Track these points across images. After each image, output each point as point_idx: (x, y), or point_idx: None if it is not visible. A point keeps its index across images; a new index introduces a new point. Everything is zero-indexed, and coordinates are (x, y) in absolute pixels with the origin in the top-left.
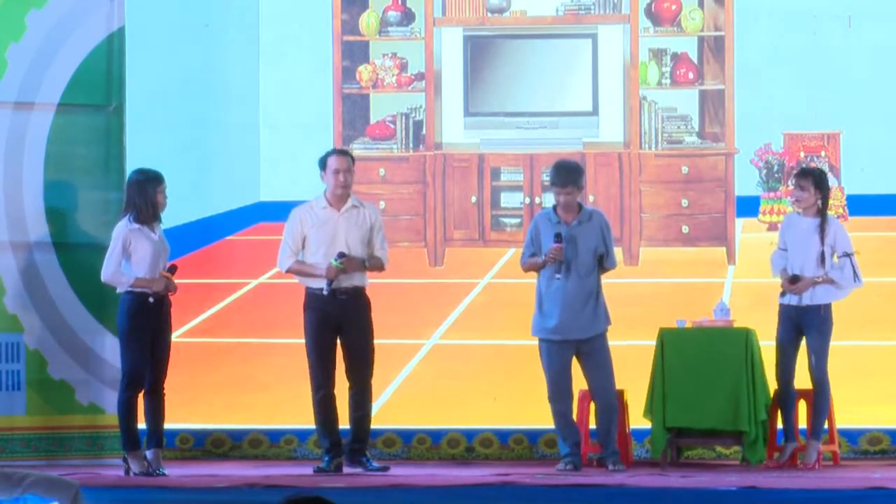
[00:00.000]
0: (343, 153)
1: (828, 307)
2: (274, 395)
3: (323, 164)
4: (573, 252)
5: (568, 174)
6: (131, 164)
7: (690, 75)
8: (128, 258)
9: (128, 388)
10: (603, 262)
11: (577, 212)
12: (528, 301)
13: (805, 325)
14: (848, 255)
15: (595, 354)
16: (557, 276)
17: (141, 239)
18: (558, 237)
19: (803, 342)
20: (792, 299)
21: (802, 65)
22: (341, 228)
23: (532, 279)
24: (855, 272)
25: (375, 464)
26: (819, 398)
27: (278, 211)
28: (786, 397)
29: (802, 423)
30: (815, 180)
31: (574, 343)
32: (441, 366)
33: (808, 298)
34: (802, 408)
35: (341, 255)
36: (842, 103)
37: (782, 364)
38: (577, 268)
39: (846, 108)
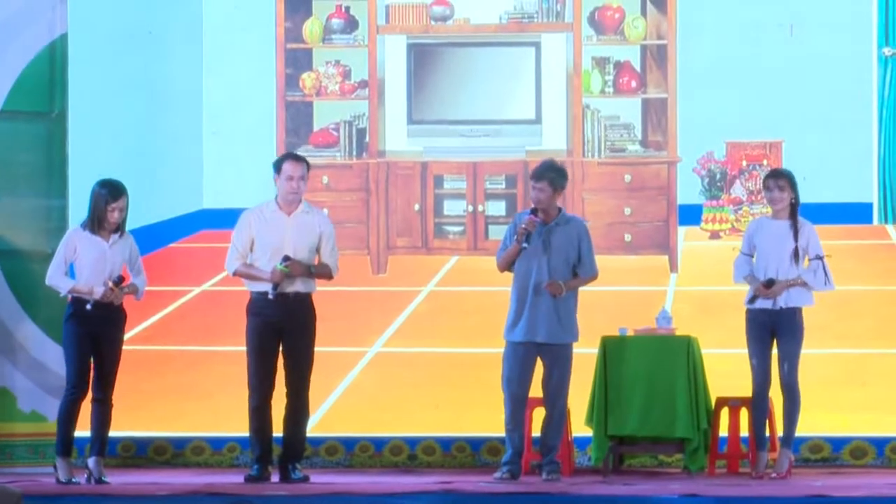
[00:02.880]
0: (299, 159)
1: (801, 311)
2: (217, 402)
3: (277, 167)
4: (546, 253)
5: (544, 169)
6: (74, 171)
7: (633, 84)
8: (74, 264)
9: (67, 390)
10: (576, 270)
11: (555, 214)
12: (471, 309)
13: (779, 329)
14: (820, 257)
15: (556, 364)
16: (525, 244)
17: (86, 246)
18: (535, 211)
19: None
20: (765, 303)
21: (745, 74)
22: (289, 233)
23: (476, 286)
24: (826, 275)
25: (299, 473)
26: (792, 405)
27: (221, 218)
28: (762, 405)
29: (744, 431)
30: (790, 180)
31: (537, 347)
32: (384, 373)
33: (784, 301)
34: (744, 417)
35: (286, 259)
36: (784, 112)
37: (759, 370)
38: (551, 271)
39: (788, 116)
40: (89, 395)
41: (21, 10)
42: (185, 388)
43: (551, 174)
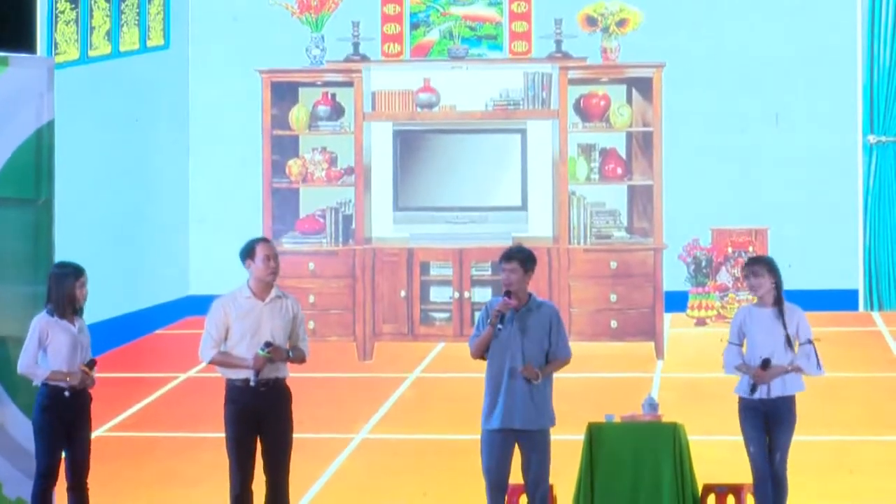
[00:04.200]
0: (267, 240)
1: (794, 399)
2: (201, 490)
3: (249, 252)
4: (521, 338)
5: (513, 251)
6: (60, 258)
7: (619, 171)
8: (44, 351)
9: (39, 481)
10: (549, 355)
11: (526, 299)
12: (457, 395)
13: (773, 418)
14: (811, 341)
15: (535, 449)
16: (499, 326)
17: (58, 332)
18: (508, 294)
19: None
20: (760, 392)
21: (730, 161)
22: (265, 318)
23: (462, 373)
24: (818, 360)
25: None
26: (780, 494)
27: (208, 305)
28: (764, 492)
29: None
30: (767, 266)
31: (515, 434)
32: (370, 460)
33: (779, 389)
34: None
35: (268, 345)
36: (769, 199)
37: (758, 458)
38: (526, 357)
39: (774, 204)
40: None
41: (9, 97)
42: (169, 475)
43: (520, 255)
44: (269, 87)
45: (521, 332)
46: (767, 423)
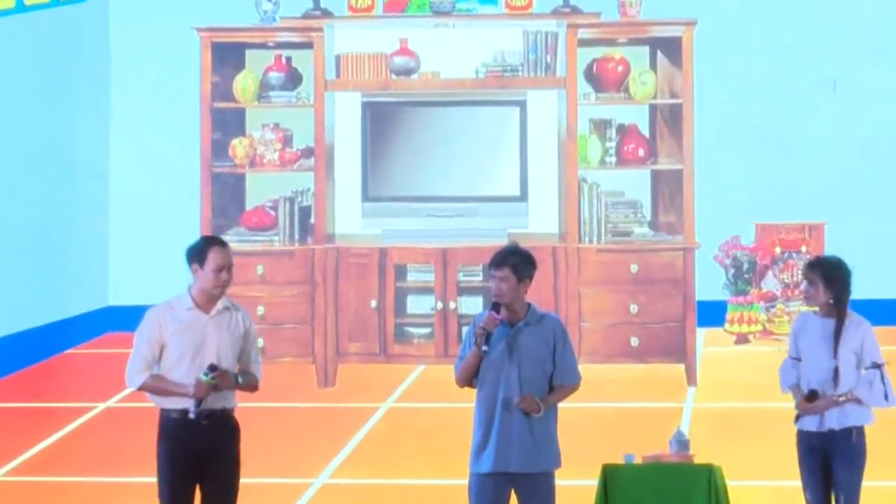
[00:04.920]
0: (225, 245)
1: (860, 432)
2: None
3: (199, 256)
4: (515, 361)
5: (505, 253)
6: None
7: (641, 152)
8: None
9: None
10: (553, 380)
11: (523, 312)
12: (440, 430)
13: (833, 455)
14: (878, 365)
15: (536, 497)
16: (484, 348)
17: None
18: (496, 306)
19: None
20: (810, 423)
21: (778, 140)
22: (211, 335)
23: (446, 402)
24: (886, 388)
25: None
26: None
27: (132, 317)
28: None
29: None
30: (821, 272)
31: (510, 478)
32: None
33: (834, 421)
34: None
35: (213, 369)
36: (827, 187)
37: None
38: (523, 384)
39: (832, 193)
40: None
41: None
42: None
43: (514, 259)
44: (208, 48)
45: (516, 353)
46: (828, 461)
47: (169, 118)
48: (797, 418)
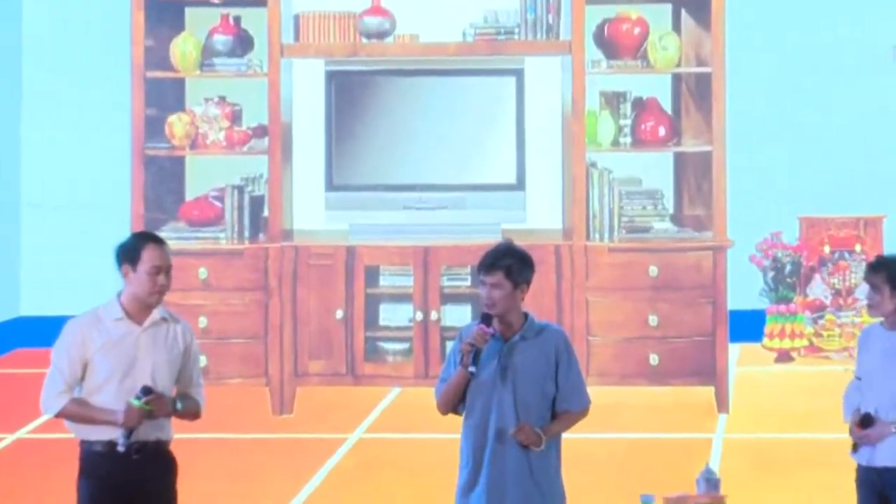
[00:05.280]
0: (162, 242)
1: None
2: None
3: (132, 256)
4: (509, 384)
5: (498, 255)
6: None
7: (662, 131)
8: None
9: None
10: (556, 405)
11: (520, 324)
12: (417, 466)
13: (891, 493)
14: None
15: None
16: (472, 368)
17: None
18: (486, 318)
19: None
20: (861, 455)
21: (825, 118)
22: (144, 352)
23: (425, 433)
24: None
25: None
26: None
27: (48, 330)
28: None
29: None
30: (889, 275)
31: None
32: None
33: (889, 457)
34: None
35: (147, 392)
36: (884, 175)
37: None
38: (519, 410)
39: (891, 182)
40: None
41: None
42: None
43: (508, 261)
44: (141, 6)
45: (511, 374)
46: (888, 499)
47: (92, 92)
48: (854, 447)
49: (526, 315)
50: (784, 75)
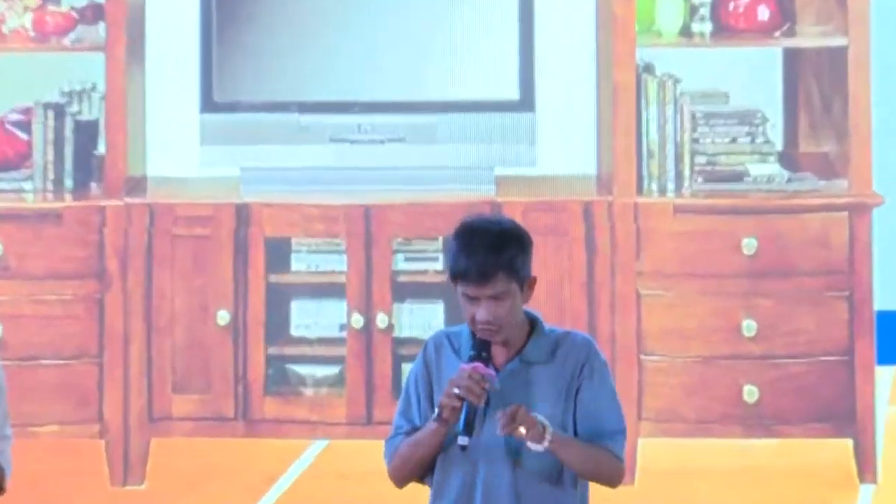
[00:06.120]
0: None
1: None
2: None
3: None
4: (503, 447)
5: (490, 247)
6: None
7: (764, 14)
8: None
9: None
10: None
11: (523, 336)
12: None
13: None
14: None
15: None
16: (463, 441)
17: None
18: (483, 348)
19: None
20: None
21: None
22: None
23: None
24: None
25: None
26: None
27: None
28: None
29: None
30: None
31: None
32: None
33: None
34: None
35: None
36: None
37: None
38: (519, 491)
39: None
40: None
41: None
42: None
43: (509, 251)
44: None
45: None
46: None
47: None
48: None
49: (532, 321)
50: None
